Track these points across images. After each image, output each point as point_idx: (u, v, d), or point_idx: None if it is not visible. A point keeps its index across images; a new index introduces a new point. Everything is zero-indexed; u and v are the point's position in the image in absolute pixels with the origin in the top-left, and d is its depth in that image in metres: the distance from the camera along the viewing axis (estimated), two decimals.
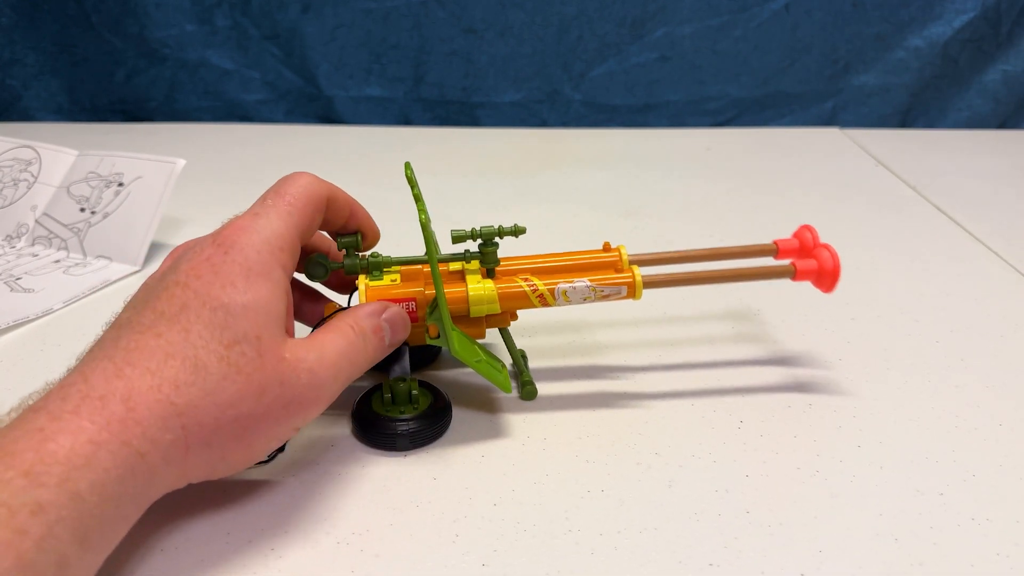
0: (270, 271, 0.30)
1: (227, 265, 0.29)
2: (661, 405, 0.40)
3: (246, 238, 0.30)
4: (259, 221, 0.31)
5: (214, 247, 0.30)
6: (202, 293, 0.28)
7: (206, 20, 0.96)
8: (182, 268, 0.29)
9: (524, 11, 0.94)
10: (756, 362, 0.44)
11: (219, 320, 0.28)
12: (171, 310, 0.28)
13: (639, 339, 0.47)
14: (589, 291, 0.38)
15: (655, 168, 0.83)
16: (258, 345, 0.28)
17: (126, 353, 0.27)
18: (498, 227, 0.38)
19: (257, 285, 0.29)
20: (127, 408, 0.26)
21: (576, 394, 0.41)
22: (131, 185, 0.59)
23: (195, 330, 0.28)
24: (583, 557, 0.30)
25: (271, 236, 0.31)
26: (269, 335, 0.29)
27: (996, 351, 0.45)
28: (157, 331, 0.28)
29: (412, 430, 0.36)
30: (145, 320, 0.28)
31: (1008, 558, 0.30)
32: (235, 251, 0.30)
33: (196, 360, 0.27)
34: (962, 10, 0.91)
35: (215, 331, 0.28)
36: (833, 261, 0.39)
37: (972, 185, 0.75)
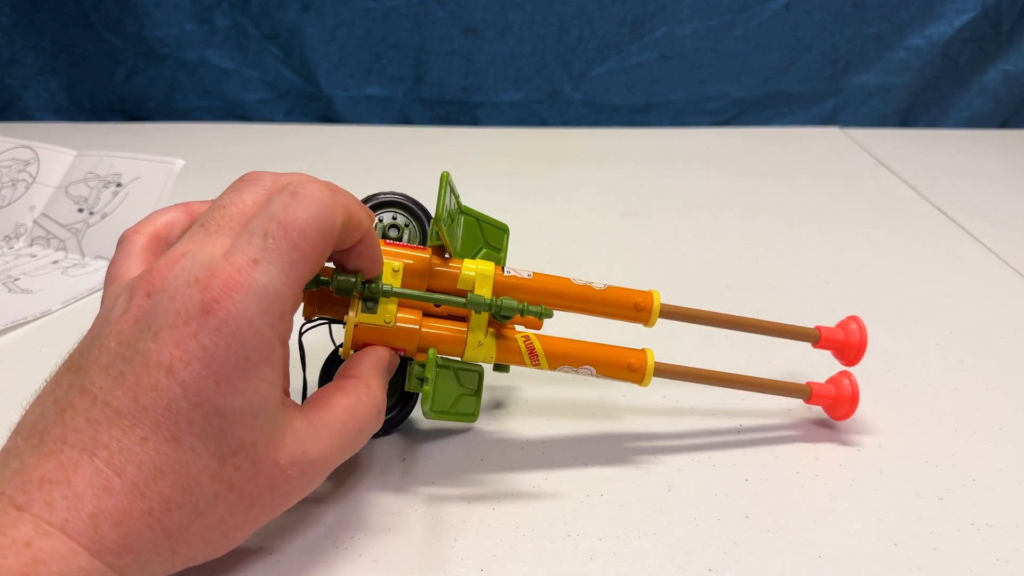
0: (269, 354, 0.25)
1: (219, 351, 0.24)
2: (660, 409, 0.40)
3: (242, 308, 0.24)
4: (259, 277, 0.25)
5: (202, 313, 0.24)
6: (191, 391, 0.24)
7: (206, 19, 0.96)
8: (164, 338, 0.24)
9: (524, 11, 0.94)
10: (755, 364, 0.44)
11: (213, 428, 0.24)
12: (156, 407, 0.24)
13: (637, 341, 0.47)
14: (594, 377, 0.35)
15: (655, 168, 0.83)
16: (253, 454, 0.25)
17: (109, 455, 0.23)
18: (522, 305, 0.33)
19: (255, 380, 0.25)
20: (120, 535, 0.23)
21: (575, 399, 0.41)
22: (130, 185, 0.59)
23: (186, 441, 0.24)
24: (582, 562, 0.30)
25: (272, 302, 0.25)
26: (265, 438, 0.25)
27: (996, 353, 0.45)
28: (142, 433, 0.24)
29: None
30: (126, 410, 0.24)
31: (1008, 563, 0.30)
32: (228, 331, 0.24)
33: (188, 479, 0.24)
34: (963, 9, 0.91)
35: (208, 441, 0.24)
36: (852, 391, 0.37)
37: (972, 185, 0.75)
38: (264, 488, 0.26)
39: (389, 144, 0.93)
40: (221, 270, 0.25)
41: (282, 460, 0.26)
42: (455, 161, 0.85)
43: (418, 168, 0.82)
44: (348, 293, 0.31)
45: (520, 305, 0.33)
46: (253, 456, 0.25)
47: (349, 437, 0.29)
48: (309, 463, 0.27)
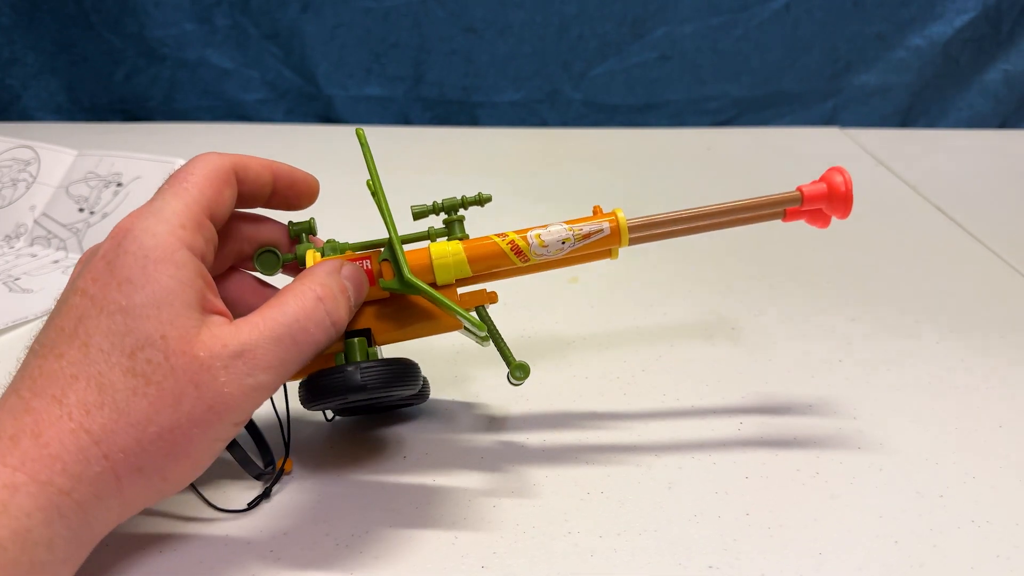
0: (171, 254, 0.27)
1: (121, 258, 0.26)
2: (660, 406, 0.40)
3: (140, 224, 0.27)
4: (154, 204, 0.28)
5: (110, 241, 0.27)
6: (99, 298, 0.26)
7: (205, 19, 0.96)
8: (84, 273, 0.27)
9: (524, 10, 0.94)
10: (756, 363, 0.44)
11: (118, 326, 0.25)
12: (69, 324, 0.26)
13: (638, 342, 0.47)
14: (567, 232, 0.33)
15: (655, 168, 0.83)
16: (164, 346, 0.25)
17: (31, 382, 0.25)
18: (461, 197, 0.34)
19: (157, 274, 0.26)
20: (39, 444, 0.23)
21: (575, 396, 0.41)
22: (130, 185, 0.59)
23: (95, 343, 0.25)
24: (583, 559, 0.30)
25: (168, 214, 0.27)
26: (177, 331, 0.26)
27: (996, 352, 0.45)
28: (58, 351, 0.25)
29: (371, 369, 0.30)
30: (47, 341, 0.26)
31: (1008, 560, 0.30)
32: (128, 239, 0.26)
33: (100, 377, 0.25)
34: (963, 9, 0.91)
35: (115, 339, 0.25)
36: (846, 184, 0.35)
37: (972, 185, 0.75)
38: (186, 381, 0.25)
39: (389, 144, 0.92)
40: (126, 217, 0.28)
41: (200, 352, 0.26)
42: (455, 161, 0.85)
43: (418, 168, 0.82)
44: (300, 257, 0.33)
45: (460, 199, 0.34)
46: (164, 349, 0.25)
47: (283, 330, 0.27)
48: (231, 355, 0.26)
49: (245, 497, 0.33)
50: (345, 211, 0.59)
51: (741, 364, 0.44)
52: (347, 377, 0.30)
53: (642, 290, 0.53)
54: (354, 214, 0.52)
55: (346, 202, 0.54)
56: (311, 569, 0.30)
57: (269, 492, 0.33)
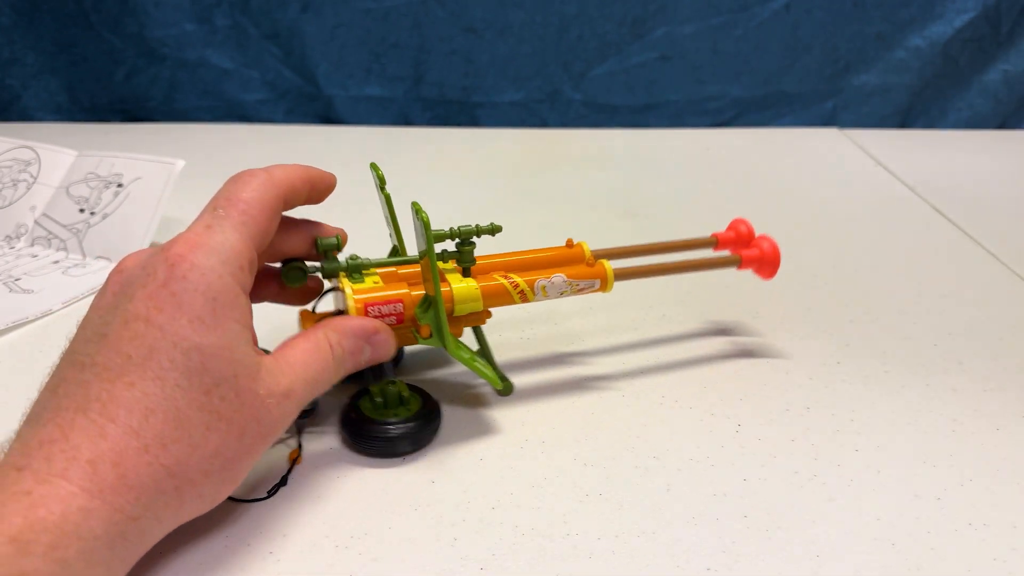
0: (235, 298, 0.28)
1: (188, 295, 0.27)
2: (659, 409, 0.40)
3: (204, 259, 0.28)
4: (214, 236, 0.29)
5: (167, 268, 0.27)
6: (169, 332, 0.26)
7: (205, 19, 0.96)
8: (138, 296, 0.27)
9: (524, 10, 0.94)
10: (754, 365, 0.44)
11: (194, 364, 0.26)
12: (138, 353, 0.26)
13: (636, 344, 0.47)
14: (565, 285, 0.39)
15: (655, 168, 0.83)
16: (235, 385, 0.27)
17: (101, 406, 0.25)
18: (476, 226, 0.38)
19: (226, 318, 0.28)
20: (119, 475, 0.25)
21: (574, 399, 0.41)
22: (130, 186, 0.59)
23: (171, 379, 0.26)
24: (581, 561, 0.30)
25: (230, 255, 0.29)
26: (244, 372, 0.28)
27: (994, 354, 0.45)
28: (129, 380, 0.26)
29: (411, 431, 0.36)
30: (112, 364, 0.26)
31: (1005, 563, 0.30)
32: (195, 276, 0.27)
33: (178, 414, 0.26)
34: (962, 10, 0.91)
35: (192, 377, 0.26)
36: (772, 250, 0.44)
37: (971, 186, 0.75)
38: (250, 417, 0.28)
39: (389, 144, 0.93)
40: (180, 239, 0.29)
41: (261, 391, 0.28)
42: (455, 161, 0.85)
43: (418, 168, 0.82)
44: (336, 274, 0.37)
45: (475, 227, 0.38)
46: (236, 387, 0.27)
47: (312, 373, 0.31)
48: (282, 394, 0.29)
49: (256, 489, 0.33)
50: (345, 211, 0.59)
51: (739, 366, 0.44)
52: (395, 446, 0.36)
53: (641, 291, 0.53)
54: (354, 214, 0.52)
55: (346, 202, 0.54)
56: (310, 571, 0.30)
57: (286, 480, 0.34)
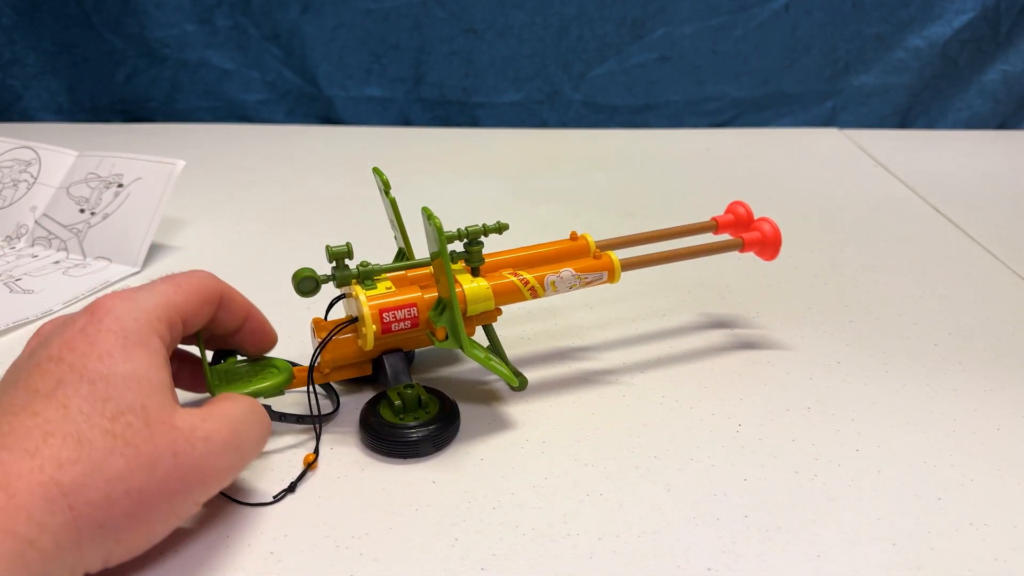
0: (147, 339, 0.29)
1: (102, 334, 0.28)
2: (659, 409, 0.40)
3: (122, 306, 0.29)
4: (138, 293, 0.30)
5: (87, 316, 0.28)
6: (78, 366, 0.27)
7: (206, 20, 0.96)
8: (54, 343, 0.28)
9: (524, 11, 0.94)
10: (754, 365, 0.44)
11: (99, 392, 0.26)
12: (46, 387, 0.26)
13: (637, 344, 0.47)
14: (574, 279, 0.40)
15: (655, 168, 0.83)
16: (144, 415, 0.27)
17: (1, 437, 0.25)
18: (483, 225, 0.39)
19: (136, 354, 0.28)
20: (7, 495, 0.23)
21: (575, 398, 0.41)
22: (131, 186, 0.59)
23: (74, 405, 0.26)
24: (582, 561, 0.30)
25: (149, 306, 0.30)
26: (156, 404, 0.27)
27: (994, 354, 0.45)
28: (33, 410, 0.26)
29: (432, 434, 0.36)
30: (18, 400, 0.26)
31: (1006, 563, 0.30)
32: (110, 319, 0.28)
33: (79, 435, 0.25)
34: (962, 10, 0.91)
35: (96, 404, 0.26)
36: (774, 232, 0.44)
37: (971, 186, 0.75)
38: (164, 448, 0.27)
39: (389, 144, 0.93)
40: (110, 295, 0.30)
41: (179, 423, 0.28)
42: (455, 161, 0.85)
43: (418, 169, 0.82)
44: (348, 282, 0.37)
45: (482, 227, 0.38)
46: (145, 416, 0.27)
47: (242, 426, 0.30)
48: (207, 434, 0.28)
49: (262, 492, 0.33)
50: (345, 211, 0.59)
51: (739, 366, 0.44)
52: (417, 448, 0.36)
53: (641, 292, 0.53)
54: (355, 213, 0.52)
55: (346, 202, 0.54)
56: (311, 571, 0.30)
57: (295, 487, 0.34)
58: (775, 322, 0.49)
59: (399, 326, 0.37)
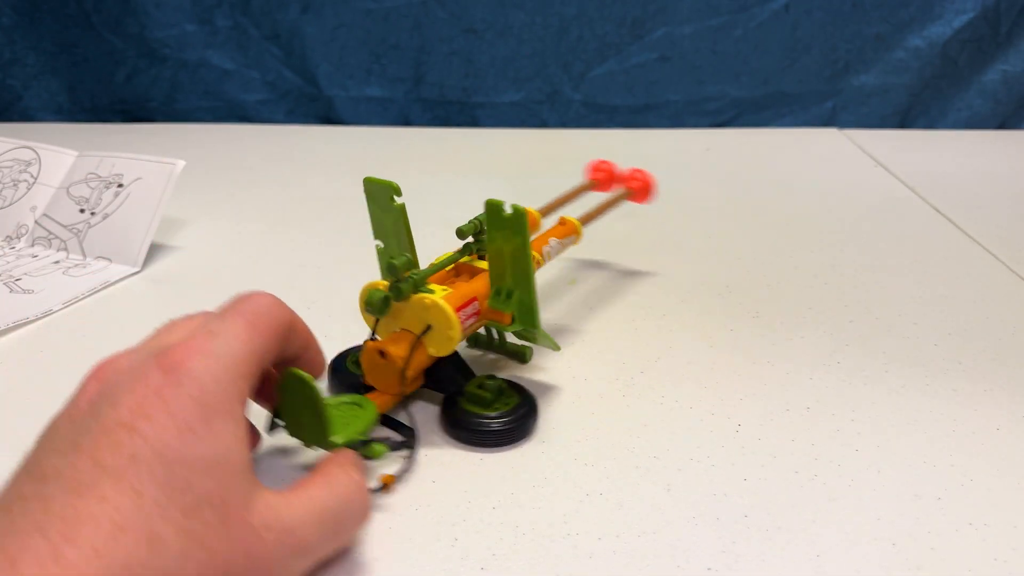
0: (230, 408, 0.25)
1: (181, 401, 0.24)
2: (659, 409, 0.40)
3: (202, 364, 0.25)
4: (216, 342, 0.26)
5: (162, 374, 0.24)
6: (154, 440, 0.23)
7: (206, 20, 0.96)
8: (123, 403, 0.24)
9: (524, 11, 0.94)
10: (754, 365, 0.44)
11: (178, 479, 0.23)
12: (116, 463, 0.23)
13: (637, 343, 0.47)
14: (559, 246, 0.45)
15: (655, 168, 0.82)
16: (223, 509, 0.24)
17: (63, 524, 0.21)
18: None
19: (217, 428, 0.24)
20: None
21: (574, 397, 0.41)
22: (131, 186, 0.59)
23: (149, 493, 0.22)
24: (581, 561, 0.30)
25: (230, 362, 0.26)
26: (236, 494, 0.24)
27: (994, 354, 0.45)
28: (100, 493, 0.22)
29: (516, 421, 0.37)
30: (83, 474, 0.22)
31: (1006, 563, 0.30)
32: (189, 382, 0.24)
33: (151, 534, 0.22)
34: (962, 10, 0.92)
35: (173, 494, 0.23)
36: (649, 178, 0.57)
37: (971, 186, 0.75)
38: (239, 550, 0.24)
39: (389, 144, 0.93)
40: (180, 344, 0.26)
41: (254, 520, 0.25)
42: (455, 161, 0.85)
43: (418, 168, 0.82)
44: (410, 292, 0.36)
45: None
46: (222, 512, 0.24)
47: (330, 514, 0.27)
48: (285, 530, 0.25)
49: None
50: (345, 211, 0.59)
51: (739, 366, 0.44)
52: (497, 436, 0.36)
53: (640, 292, 0.53)
54: (354, 214, 0.52)
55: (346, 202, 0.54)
56: (310, 571, 0.30)
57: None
58: (775, 322, 0.49)
59: (468, 322, 0.37)
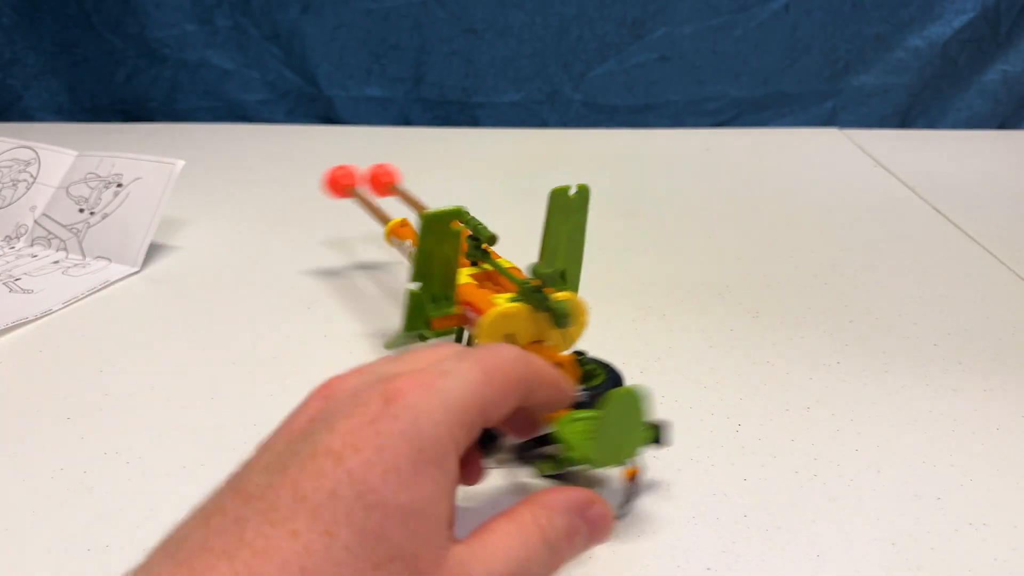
0: (443, 456, 0.23)
1: (394, 439, 0.22)
2: (659, 408, 0.40)
3: (423, 400, 0.23)
4: (445, 381, 0.24)
5: (382, 403, 0.23)
6: (358, 477, 0.22)
7: (206, 20, 0.96)
8: (339, 428, 0.23)
9: (524, 11, 0.94)
10: (754, 365, 0.44)
11: (373, 526, 0.21)
12: (315, 496, 0.21)
13: (636, 344, 0.47)
14: None
15: (655, 168, 0.83)
16: (414, 565, 0.22)
17: (251, 555, 0.21)
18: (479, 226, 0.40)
19: (424, 476, 0.22)
20: None
21: None
22: (130, 186, 0.59)
23: (341, 536, 0.21)
24: (581, 561, 0.30)
25: (455, 405, 0.24)
26: (428, 550, 0.22)
27: (994, 354, 0.45)
28: (294, 527, 0.21)
29: None
30: (281, 503, 0.21)
31: (1005, 563, 0.30)
32: (406, 417, 0.23)
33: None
34: (962, 10, 0.91)
35: (366, 540, 0.21)
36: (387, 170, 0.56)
37: (971, 186, 0.75)
38: None
39: (389, 144, 0.93)
40: (407, 375, 0.24)
41: (447, 573, 0.23)
42: (455, 162, 0.85)
43: (418, 168, 0.82)
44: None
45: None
46: (413, 569, 0.22)
47: (515, 566, 0.25)
48: None
49: None
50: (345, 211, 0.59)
51: (739, 366, 0.44)
52: None
53: (640, 292, 0.53)
54: (354, 214, 0.52)
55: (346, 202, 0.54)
56: None
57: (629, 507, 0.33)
58: (775, 322, 0.49)
59: None
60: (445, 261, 0.38)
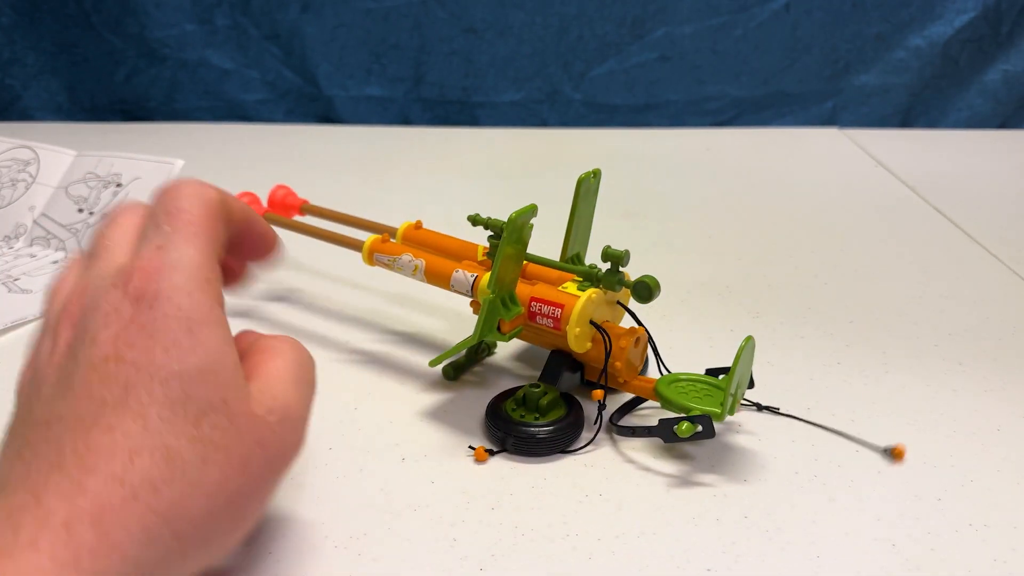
0: (210, 313, 0.25)
1: (158, 321, 0.24)
2: (658, 409, 0.40)
3: (167, 284, 0.24)
4: (170, 255, 0.25)
5: (132, 304, 0.24)
6: (143, 364, 0.23)
7: (206, 20, 0.96)
8: (102, 338, 0.24)
9: (524, 11, 0.94)
10: (753, 365, 0.44)
11: (175, 393, 0.23)
12: (113, 395, 0.23)
13: None
14: None
15: (655, 168, 0.83)
16: (227, 410, 0.24)
17: (77, 459, 0.22)
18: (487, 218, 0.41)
19: (204, 338, 0.24)
20: (100, 533, 0.21)
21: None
22: (129, 186, 0.59)
23: (153, 413, 0.23)
24: (581, 562, 0.30)
25: (192, 270, 0.25)
26: (234, 394, 0.24)
27: (994, 355, 0.45)
28: (107, 424, 0.22)
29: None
30: (84, 412, 0.23)
31: (1006, 564, 0.30)
32: (162, 302, 0.24)
33: (166, 450, 0.22)
34: (962, 10, 0.91)
35: (176, 408, 0.23)
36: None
37: (971, 186, 0.75)
38: (251, 442, 0.24)
39: (389, 144, 0.93)
40: (133, 267, 0.25)
41: (257, 410, 0.25)
42: (455, 161, 0.85)
43: (418, 169, 0.82)
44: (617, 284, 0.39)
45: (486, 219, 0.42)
46: (228, 412, 0.24)
47: (302, 379, 0.28)
48: (282, 407, 0.26)
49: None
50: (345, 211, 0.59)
51: None
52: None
53: None
54: (354, 214, 0.52)
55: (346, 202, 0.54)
56: (310, 571, 0.30)
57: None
58: (775, 322, 0.49)
59: None
60: (517, 262, 0.38)
